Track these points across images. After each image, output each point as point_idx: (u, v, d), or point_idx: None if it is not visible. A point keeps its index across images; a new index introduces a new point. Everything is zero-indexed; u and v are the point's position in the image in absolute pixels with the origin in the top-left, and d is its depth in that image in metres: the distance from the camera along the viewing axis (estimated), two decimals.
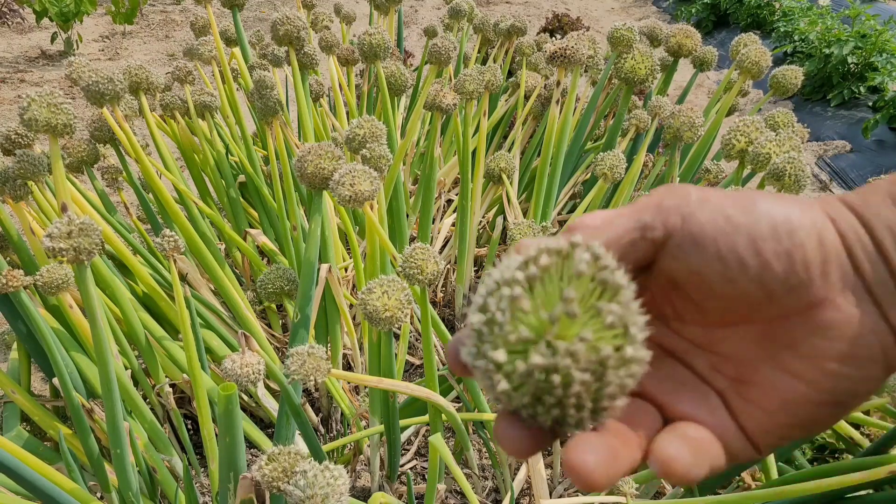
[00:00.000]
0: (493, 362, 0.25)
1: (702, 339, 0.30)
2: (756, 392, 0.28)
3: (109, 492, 0.97)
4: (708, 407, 0.28)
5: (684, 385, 0.29)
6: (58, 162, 0.95)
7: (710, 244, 0.27)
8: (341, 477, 0.57)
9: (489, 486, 1.16)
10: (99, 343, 0.82)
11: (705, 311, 0.29)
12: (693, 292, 0.28)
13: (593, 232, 0.28)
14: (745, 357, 0.28)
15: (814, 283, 0.26)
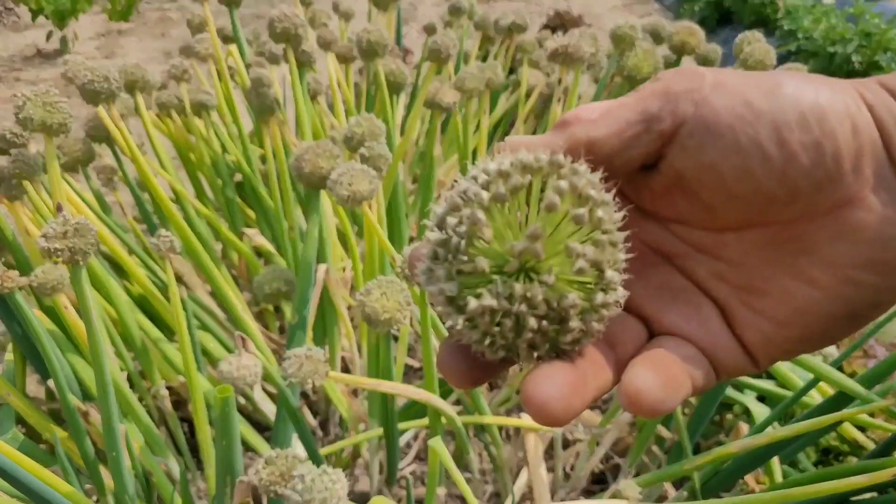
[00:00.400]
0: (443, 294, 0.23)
1: (707, 243, 0.27)
2: (765, 301, 0.25)
3: (105, 495, 0.96)
4: (699, 319, 0.26)
5: (678, 296, 0.27)
6: (53, 161, 0.95)
7: (728, 133, 0.24)
8: (339, 481, 0.56)
9: (490, 490, 1.15)
10: (94, 345, 0.81)
11: (715, 213, 0.26)
12: (703, 190, 0.25)
13: (590, 126, 0.25)
14: (755, 263, 0.26)
15: (844, 178, 0.23)
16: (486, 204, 0.22)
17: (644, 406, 0.23)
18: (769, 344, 0.26)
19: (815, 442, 1.13)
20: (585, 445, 1.12)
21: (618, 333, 0.26)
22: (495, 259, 0.23)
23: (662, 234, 0.28)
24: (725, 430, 1.22)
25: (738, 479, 1.01)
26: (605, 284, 0.23)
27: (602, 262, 0.23)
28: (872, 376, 0.87)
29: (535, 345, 0.23)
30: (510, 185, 0.23)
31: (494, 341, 0.23)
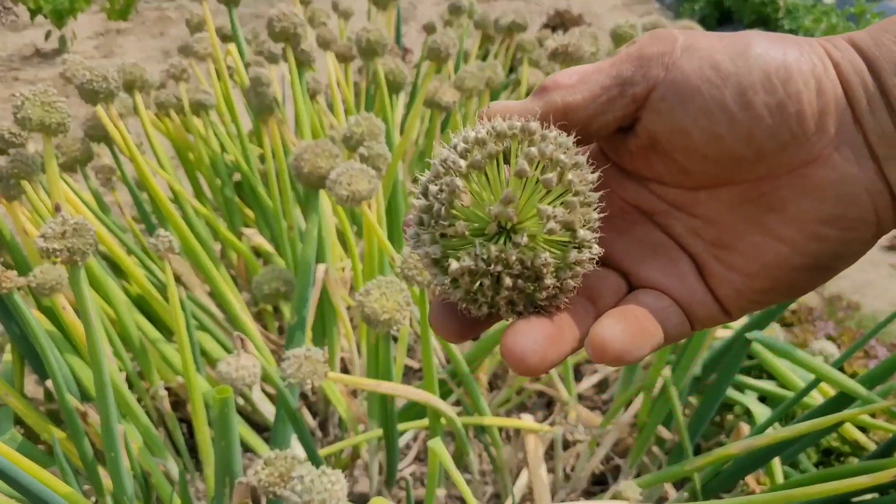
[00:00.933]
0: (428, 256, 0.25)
1: (682, 201, 0.28)
2: (735, 256, 0.26)
3: (104, 496, 0.96)
4: (676, 272, 0.27)
5: (655, 251, 0.28)
6: (51, 161, 0.94)
7: (696, 97, 0.24)
8: (339, 482, 0.57)
9: (490, 491, 1.15)
10: (93, 345, 0.80)
11: (688, 173, 0.27)
12: (676, 152, 0.26)
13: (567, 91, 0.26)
14: (727, 220, 0.27)
15: (808, 138, 0.24)
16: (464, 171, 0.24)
17: (608, 354, 0.24)
18: (740, 296, 0.27)
19: (816, 443, 1.13)
20: (586, 446, 1.12)
21: (598, 287, 0.27)
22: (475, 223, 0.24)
23: (641, 192, 0.29)
24: (726, 430, 1.21)
25: (739, 480, 1.01)
26: (579, 242, 0.24)
27: (573, 222, 0.24)
28: (873, 377, 0.87)
29: (514, 301, 0.25)
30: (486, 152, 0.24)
31: (476, 299, 0.25)
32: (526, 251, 0.24)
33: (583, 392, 1.40)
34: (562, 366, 1.05)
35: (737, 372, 0.99)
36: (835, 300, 1.59)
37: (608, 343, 0.24)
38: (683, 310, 0.27)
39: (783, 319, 1.44)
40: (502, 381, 1.35)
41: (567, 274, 0.25)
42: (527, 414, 1.24)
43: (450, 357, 0.94)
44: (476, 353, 1.03)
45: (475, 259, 0.24)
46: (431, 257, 0.25)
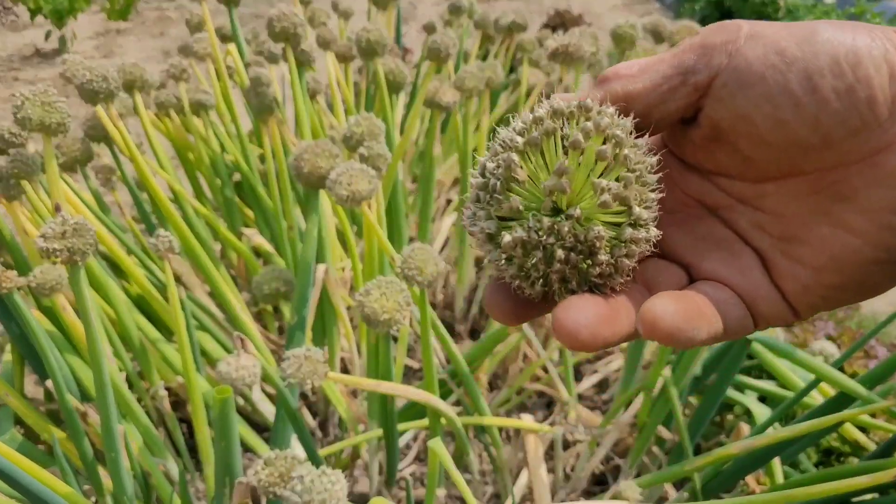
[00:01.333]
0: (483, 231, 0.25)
1: (748, 194, 0.27)
2: (803, 249, 0.26)
3: (104, 496, 0.96)
4: (739, 267, 0.27)
5: (719, 245, 0.27)
6: (51, 161, 0.94)
7: (759, 83, 0.24)
8: (339, 482, 0.56)
9: (490, 491, 1.15)
10: (93, 345, 0.80)
11: (753, 163, 0.26)
12: (740, 141, 0.25)
13: (628, 81, 0.26)
14: (794, 213, 0.26)
15: (880, 124, 0.23)
16: (521, 148, 0.24)
17: (659, 331, 0.23)
18: (808, 292, 0.26)
19: (817, 443, 1.13)
20: (586, 446, 1.12)
21: (656, 277, 0.27)
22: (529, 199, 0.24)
23: (705, 186, 0.28)
24: (726, 430, 1.21)
25: (739, 480, 1.01)
26: (634, 220, 0.24)
27: (628, 197, 0.24)
28: (873, 377, 0.87)
29: (566, 277, 0.24)
30: (542, 129, 0.24)
31: (529, 274, 0.24)
32: (578, 225, 0.23)
33: (583, 392, 1.40)
34: (562, 366, 1.05)
35: (737, 372, 0.99)
36: None
37: (659, 319, 0.23)
38: (747, 305, 0.26)
39: None
40: (502, 382, 1.35)
41: (621, 251, 0.24)
42: (527, 414, 1.24)
43: (450, 357, 0.94)
44: (476, 354, 1.03)
45: (528, 231, 0.24)
46: (486, 232, 0.25)
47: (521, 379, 1.09)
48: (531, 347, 1.32)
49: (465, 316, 1.56)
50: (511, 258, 0.25)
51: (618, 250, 0.24)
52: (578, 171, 0.24)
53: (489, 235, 0.25)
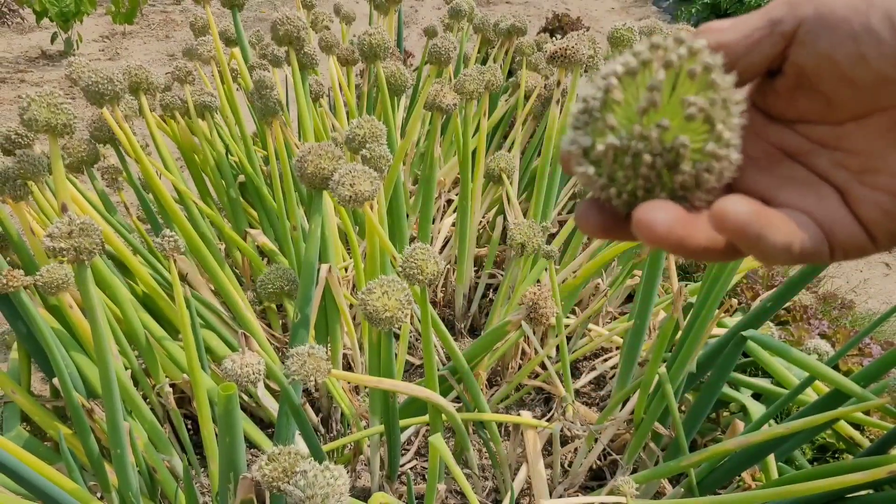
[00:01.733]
0: (581, 147, 0.27)
1: (828, 137, 0.29)
2: (881, 177, 0.27)
3: (109, 492, 0.97)
4: (817, 197, 0.28)
5: (798, 182, 0.29)
6: (58, 162, 0.95)
7: (842, 24, 0.26)
8: (341, 477, 0.57)
9: (489, 486, 1.16)
10: (99, 343, 0.82)
11: (835, 104, 0.28)
12: (823, 82, 0.27)
13: (720, 32, 0.28)
14: (874, 148, 0.27)
15: None
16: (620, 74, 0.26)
17: (730, 224, 0.24)
18: (887, 217, 0.27)
19: (812, 439, 1.14)
20: (583, 442, 1.13)
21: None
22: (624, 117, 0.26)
23: (786, 134, 0.30)
24: (722, 427, 1.23)
25: (735, 476, 1.02)
26: (717, 137, 0.25)
27: (713, 115, 0.25)
28: (868, 374, 0.88)
29: (651, 185, 0.26)
30: (640, 59, 0.26)
31: (618, 182, 0.26)
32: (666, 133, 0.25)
33: (580, 388, 1.42)
34: (560, 363, 1.06)
35: (732, 369, 1.00)
36: (829, 298, 1.60)
37: (731, 213, 0.24)
38: (824, 232, 0.27)
39: (778, 317, 1.45)
40: (501, 378, 1.36)
41: (703, 166, 0.26)
42: (526, 410, 1.26)
43: (450, 354, 0.96)
44: (476, 351, 1.04)
45: (620, 138, 0.25)
46: (582, 147, 0.26)
47: (520, 376, 1.11)
48: (530, 345, 1.33)
49: (464, 314, 1.58)
50: (602, 168, 0.26)
51: (700, 164, 0.26)
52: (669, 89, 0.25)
53: (584, 150, 0.27)
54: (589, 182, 0.27)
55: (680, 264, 1.80)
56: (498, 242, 1.57)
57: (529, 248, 1.11)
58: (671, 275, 1.19)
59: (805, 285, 0.94)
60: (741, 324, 0.96)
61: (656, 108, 0.25)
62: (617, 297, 1.52)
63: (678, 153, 0.25)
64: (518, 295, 1.23)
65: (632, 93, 0.26)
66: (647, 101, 0.25)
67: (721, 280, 0.96)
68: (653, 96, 0.25)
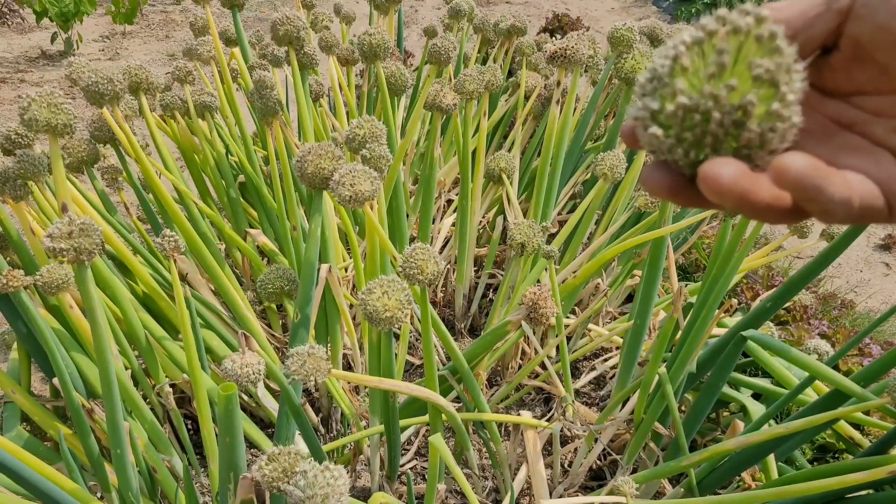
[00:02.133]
0: (649, 110, 0.28)
1: (883, 107, 0.30)
2: None
3: (109, 492, 0.97)
4: (874, 160, 0.29)
5: (855, 149, 0.30)
6: (58, 162, 0.96)
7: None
8: (341, 477, 0.57)
9: (489, 486, 1.16)
10: (99, 343, 0.82)
11: (890, 74, 0.29)
12: (877, 52, 0.29)
13: (778, 10, 0.30)
14: None
15: None
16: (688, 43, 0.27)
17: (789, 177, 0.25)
18: None
19: (812, 439, 1.14)
20: (583, 442, 1.13)
21: None
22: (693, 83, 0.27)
23: (842, 107, 0.31)
24: (722, 427, 1.23)
25: (735, 476, 1.02)
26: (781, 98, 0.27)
27: (778, 77, 0.26)
28: (868, 374, 0.88)
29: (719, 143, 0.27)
30: (707, 29, 0.27)
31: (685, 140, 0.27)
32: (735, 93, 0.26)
33: (580, 388, 1.42)
34: (560, 363, 1.06)
35: (732, 369, 1.00)
36: (829, 299, 1.60)
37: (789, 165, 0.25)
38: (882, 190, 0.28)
39: (778, 317, 1.45)
40: (501, 378, 1.36)
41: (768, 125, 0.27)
42: (526, 410, 1.26)
43: (450, 354, 0.96)
44: (476, 351, 1.04)
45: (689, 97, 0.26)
46: (651, 109, 0.28)
47: (520, 376, 1.11)
48: (530, 345, 1.33)
49: (465, 314, 1.58)
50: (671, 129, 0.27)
51: (765, 123, 0.27)
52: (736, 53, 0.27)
53: (653, 113, 0.28)
54: (658, 144, 0.28)
55: (680, 264, 1.80)
56: (498, 242, 1.57)
57: (529, 248, 1.11)
58: (671, 275, 1.19)
59: (805, 285, 0.94)
60: (741, 324, 0.96)
61: (724, 69, 0.26)
62: (617, 297, 1.52)
63: (746, 111, 0.26)
64: (518, 295, 1.23)
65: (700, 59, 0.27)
66: (716, 63, 0.26)
67: (721, 280, 0.96)
68: (721, 59, 0.26)
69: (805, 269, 0.89)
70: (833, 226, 1.29)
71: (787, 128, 0.27)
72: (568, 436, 1.25)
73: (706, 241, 1.80)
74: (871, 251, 2.20)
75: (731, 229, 1.01)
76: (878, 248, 2.22)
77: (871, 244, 2.24)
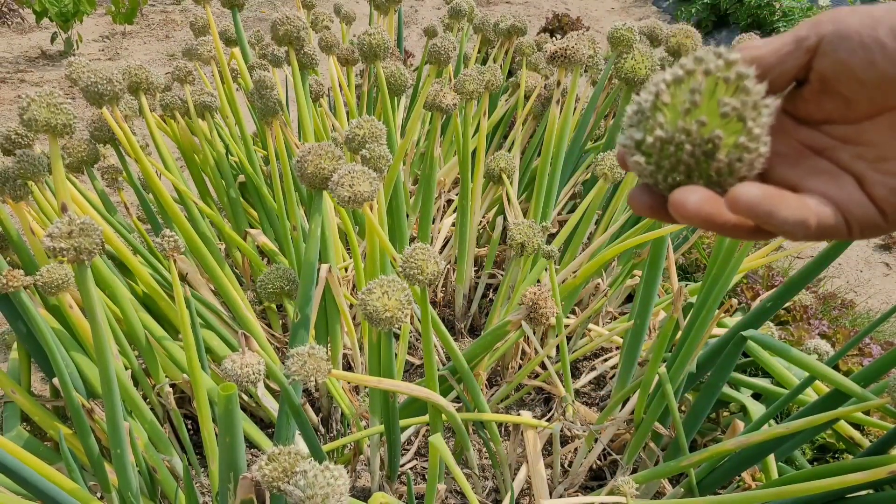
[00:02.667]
0: (633, 140, 0.32)
1: (848, 134, 0.34)
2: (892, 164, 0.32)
3: (109, 492, 0.97)
4: (837, 183, 0.33)
5: (822, 172, 0.34)
6: (58, 162, 0.96)
7: (855, 36, 0.31)
8: (341, 477, 0.57)
9: (489, 486, 1.16)
10: (99, 343, 0.82)
11: (853, 105, 0.33)
12: (842, 86, 0.33)
13: (755, 49, 0.34)
14: (886, 141, 0.33)
15: None
16: (668, 81, 0.31)
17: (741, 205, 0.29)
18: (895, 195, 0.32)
19: (812, 439, 1.14)
20: (583, 442, 1.13)
21: None
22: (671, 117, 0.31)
23: (814, 134, 0.35)
24: (722, 427, 1.23)
25: (735, 476, 1.02)
26: (748, 132, 0.30)
27: (744, 114, 0.30)
28: (868, 374, 0.88)
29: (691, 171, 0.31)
30: (685, 69, 0.31)
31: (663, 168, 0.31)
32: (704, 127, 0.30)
33: (580, 388, 1.42)
34: (560, 363, 1.06)
35: (732, 369, 1.00)
36: (829, 298, 1.60)
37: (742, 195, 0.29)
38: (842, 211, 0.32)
39: (778, 317, 1.45)
40: (501, 378, 1.36)
41: (735, 156, 0.30)
42: (526, 410, 1.26)
43: (450, 354, 0.96)
44: (476, 351, 1.04)
45: (665, 132, 0.30)
46: (635, 140, 0.32)
47: (520, 376, 1.11)
48: (530, 345, 1.33)
49: (464, 314, 1.58)
50: (651, 157, 0.31)
51: (733, 154, 0.30)
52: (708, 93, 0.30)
53: (637, 143, 0.32)
54: (640, 170, 0.32)
55: (680, 264, 1.80)
56: (498, 242, 1.57)
57: (529, 248, 1.11)
58: (671, 275, 1.19)
59: (805, 285, 0.94)
60: (741, 324, 0.96)
61: (697, 107, 0.30)
62: (617, 297, 1.52)
63: (714, 144, 0.30)
64: (518, 295, 1.23)
65: (677, 96, 0.31)
66: (690, 101, 0.30)
67: (721, 280, 0.96)
68: (694, 97, 0.30)
69: (805, 269, 0.89)
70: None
71: (753, 158, 0.31)
72: (568, 436, 1.25)
73: (706, 241, 1.80)
74: (871, 251, 2.20)
75: None
76: (878, 248, 2.22)
77: (871, 244, 2.24)
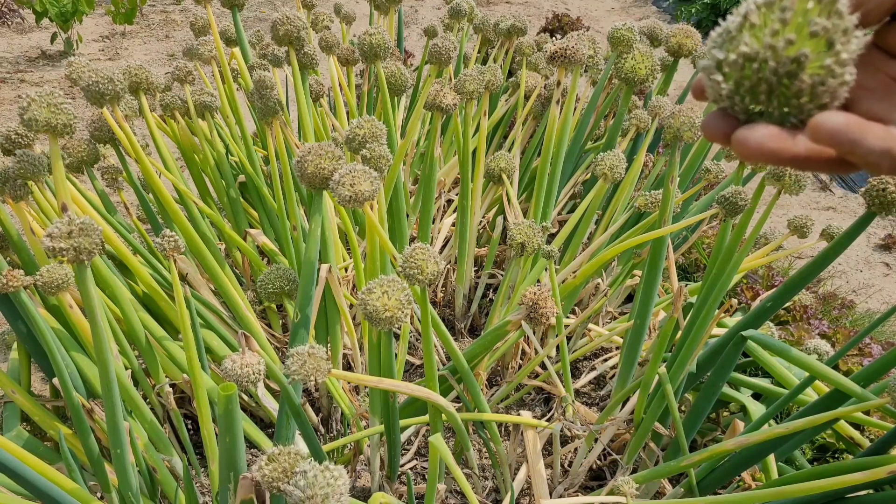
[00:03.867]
0: (715, 59, 0.30)
1: None
2: None
3: (109, 492, 0.97)
4: None
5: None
6: (58, 162, 0.96)
7: None
8: (341, 477, 0.57)
9: (489, 486, 1.16)
10: (99, 343, 0.82)
11: None
12: None
13: None
14: None
15: None
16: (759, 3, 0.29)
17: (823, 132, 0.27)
18: None
19: (811, 439, 1.14)
20: (583, 442, 1.13)
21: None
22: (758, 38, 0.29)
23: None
24: (722, 427, 1.23)
25: (735, 476, 1.02)
26: (835, 55, 0.29)
27: (834, 37, 0.28)
28: (868, 374, 0.88)
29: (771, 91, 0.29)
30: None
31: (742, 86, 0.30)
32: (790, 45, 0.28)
33: (580, 388, 1.42)
34: (560, 363, 1.06)
35: (732, 369, 1.00)
36: (829, 299, 1.60)
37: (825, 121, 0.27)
38: None
39: (778, 317, 1.45)
40: (501, 378, 1.36)
41: (820, 78, 0.28)
42: (526, 410, 1.26)
43: (450, 354, 0.96)
44: (476, 351, 1.04)
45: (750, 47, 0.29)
46: (717, 59, 0.30)
47: (520, 376, 1.11)
48: (530, 345, 1.33)
49: (464, 314, 1.58)
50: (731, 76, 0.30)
51: (817, 77, 0.28)
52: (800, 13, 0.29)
53: (718, 62, 0.30)
54: (718, 90, 0.30)
55: (680, 264, 1.80)
56: (498, 242, 1.57)
57: (529, 248, 1.11)
58: (671, 275, 1.19)
59: (805, 285, 0.94)
60: (741, 324, 0.96)
61: (786, 24, 0.28)
62: (617, 297, 1.52)
63: (799, 63, 0.28)
64: (518, 295, 1.23)
65: (767, 17, 0.29)
66: (779, 20, 0.29)
67: (721, 280, 0.96)
68: (784, 15, 0.28)
69: (805, 269, 0.89)
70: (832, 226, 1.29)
71: (837, 84, 0.29)
72: (568, 436, 1.25)
73: (706, 241, 1.80)
74: (871, 251, 2.20)
75: (731, 229, 1.01)
76: (878, 248, 2.22)
77: (871, 244, 2.24)
